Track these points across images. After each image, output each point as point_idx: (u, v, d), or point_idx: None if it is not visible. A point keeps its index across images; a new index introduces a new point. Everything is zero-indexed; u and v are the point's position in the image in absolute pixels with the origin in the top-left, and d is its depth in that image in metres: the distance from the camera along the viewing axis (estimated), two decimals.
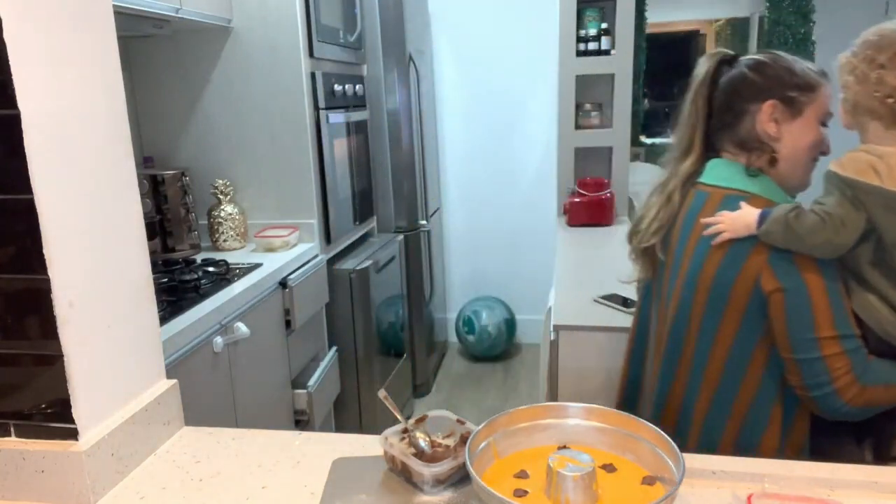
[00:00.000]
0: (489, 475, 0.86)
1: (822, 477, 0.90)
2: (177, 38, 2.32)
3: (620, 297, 1.92)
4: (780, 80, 1.24)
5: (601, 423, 0.93)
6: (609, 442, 0.91)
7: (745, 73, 1.26)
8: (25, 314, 0.87)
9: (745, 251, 1.15)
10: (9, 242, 0.85)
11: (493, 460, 0.89)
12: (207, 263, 2.09)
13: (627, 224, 3.05)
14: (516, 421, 0.93)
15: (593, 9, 3.11)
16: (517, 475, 0.86)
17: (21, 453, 0.90)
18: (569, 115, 3.15)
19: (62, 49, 0.88)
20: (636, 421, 0.90)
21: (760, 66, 1.26)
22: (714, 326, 1.19)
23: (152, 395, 1.04)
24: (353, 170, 2.72)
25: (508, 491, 0.82)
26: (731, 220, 1.17)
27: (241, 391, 1.89)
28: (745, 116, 1.24)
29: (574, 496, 0.80)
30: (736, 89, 1.26)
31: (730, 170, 1.26)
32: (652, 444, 0.87)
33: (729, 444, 1.20)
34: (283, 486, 0.93)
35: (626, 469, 0.88)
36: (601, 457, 0.89)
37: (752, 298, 1.15)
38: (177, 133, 2.43)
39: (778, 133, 1.22)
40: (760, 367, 1.18)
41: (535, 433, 0.93)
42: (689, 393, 1.26)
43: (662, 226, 1.31)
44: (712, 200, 1.24)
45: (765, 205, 1.17)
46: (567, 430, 0.93)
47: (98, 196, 0.94)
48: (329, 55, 2.50)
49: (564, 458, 0.82)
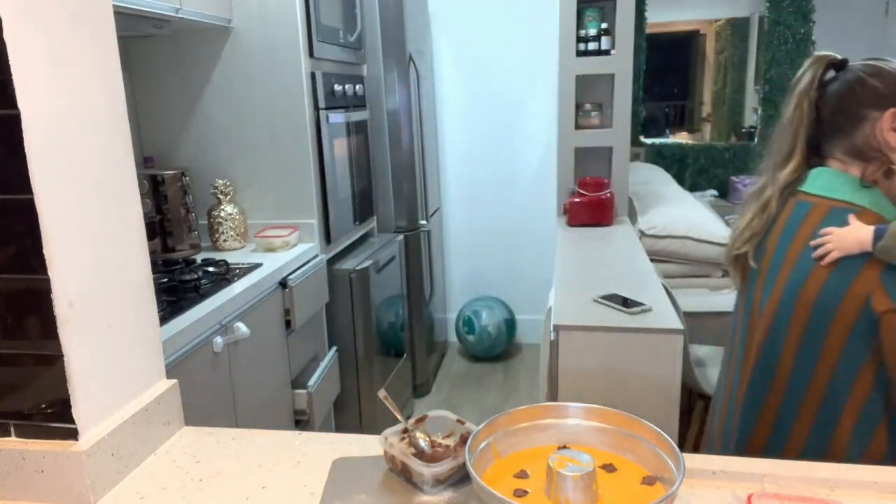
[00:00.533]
0: (489, 475, 0.86)
1: (822, 477, 0.90)
2: (177, 38, 2.32)
3: (620, 297, 1.92)
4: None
5: (601, 423, 0.92)
6: (609, 442, 0.91)
7: (863, 77, 1.20)
8: (25, 314, 0.87)
9: (854, 268, 1.11)
10: (9, 242, 0.85)
11: (493, 460, 0.89)
12: (207, 263, 2.09)
13: (627, 224, 3.07)
14: (516, 421, 0.92)
15: (593, 9, 3.11)
16: (517, 475, 0.86)
17: (21, 453, 0.90)
18: (569, 115, 3.15)
19: (62, 49, 0.88)
20: (636, 421, 0.90)
21: (881, 73, 1.19)
22: (817, 344, 1.15)
23: (152, 395, 1.04)
24: (353, 170, 2.72)
25: (508, 491, 0.82)
26: (839, 238, 1.13)
27: (241, 391, 1.89)
28: (863, 123, 1.18)
29: (574, 496, 0.79)
30: (854, 94, 1.20)
31: (837, 180, 1.20)
32: (652, 444, 0.87)
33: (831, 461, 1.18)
34: (283, 486, 0.93)
35: (627, 469, 0.88)
36: (601, 457, 0.89)
37: (861, 318, 1.10)
38: (177, 133, 2.43)
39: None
40: (867, 387, 1.13)
41: (534, 433, 0.93)
42: (786, 408, 1.21)
43: (756, 234, 1.28)
44: (817, 212, 1.19)
45: (875, 220, 1.12)
46: (567, 430, 0.93)
47: (98, 196, 0.94)
48: (329, 55, 2.50)
49: (564, 458, 0.82)
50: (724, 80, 6.40)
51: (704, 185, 5.98)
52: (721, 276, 2.85)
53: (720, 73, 6.42)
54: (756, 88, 5.94)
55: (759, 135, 5.82)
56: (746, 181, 5.67)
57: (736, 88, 6.31)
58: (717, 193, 5.89)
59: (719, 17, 6.27)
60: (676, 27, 6.28)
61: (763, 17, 5.63)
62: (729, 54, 6.31)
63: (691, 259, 2.81)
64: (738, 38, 6.21)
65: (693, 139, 6.42)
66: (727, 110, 6.39)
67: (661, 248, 2.81)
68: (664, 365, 1.75)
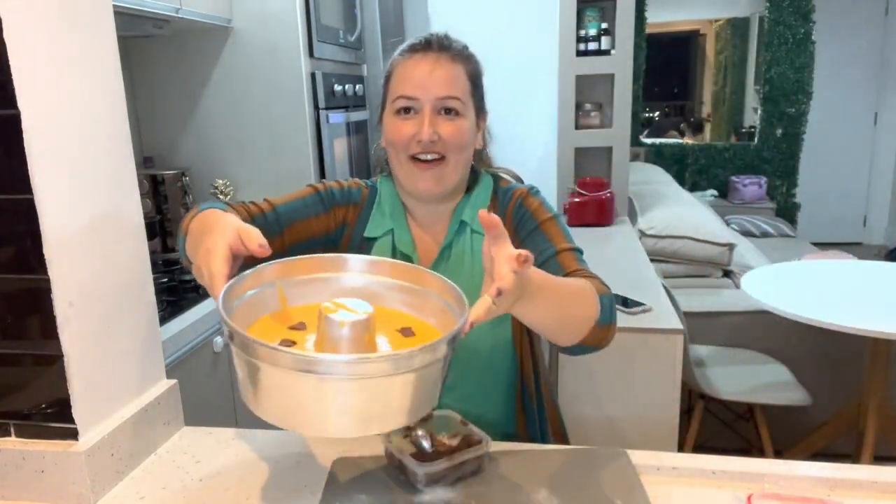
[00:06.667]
0: (265, 322, 0.79)
1: (822, 477, 0.90)
2: (177, 38, 2.32)
3: (620, 298, 1.92)
4: None
5: (397, 280, 0.85)
6: (409, 302, 0.84)
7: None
8: (25, 314, 0.87)
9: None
10: (9, 242, 0.85)
11: (277, 306, 0.80)
12: None
13: (627, 224, 3.07)
14: (298, 272, 0.83)
15: (593, 9, 3.11)
16: (294, 327, 0.78)
17: (21, 453, 0.90)
18: (569, 115, 3.15)
19: (62, 49, 0.88)
20: (433, 277, 0.83)
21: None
22: None
23: (152, 395, 1.04)
24: (353, 170, 2.72)
25: (274, 341, 0.73)
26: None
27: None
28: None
29: (342, 344, 0.72)
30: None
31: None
32: (447, 303, 0.80)
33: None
34: (283, 486, 0.93)
35: (424, 333, 0.80)
36: (399, 319, 0.82)
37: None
38: (177, 133, 2.43)
39: None
40: None
41: (331, 286, 0.84)
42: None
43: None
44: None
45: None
46: (362, 286, 0.85)
47: (98, 196, 0.94)
48: (329, 55, 2.50)
49: (339, 305, 0.74)
50: (724, 80, 6.41)
51: (704, 185, 5.99)
52: (721, 276, 2.85)
53: (720, 73, 6.42)
54: (756, 88, 5.95)
55: (759, 135, 5.82)
56: (746, 181, 5.68)
57: (736, 88, 6.31)
58: (717, 193, 5.89)
59: (719, 17, 6.28)
60: (676, 27, 6.28)
61: (763, 17, 5.63)
62: (729, 54, 6.31)
63: (691, 259, 2.81)
64: (738, 38, 6.21)
65: (693, 139, 6.42)
66: (727, 110, 6.39)
67: (661, 248, 2.81)
68: (664, 365, 1.75)
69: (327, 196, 1.15)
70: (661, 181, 4.13)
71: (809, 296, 2.17)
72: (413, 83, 1.05)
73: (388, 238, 1.14)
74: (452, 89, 1.06)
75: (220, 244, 0.77)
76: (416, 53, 1.07)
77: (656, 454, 0.96)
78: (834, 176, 5.87)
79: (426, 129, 1.04)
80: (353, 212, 1.16)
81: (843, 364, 2.48)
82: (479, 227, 1.12)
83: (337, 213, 1.15)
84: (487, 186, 1.17)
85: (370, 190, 1.19)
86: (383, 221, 1.15)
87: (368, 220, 1.15)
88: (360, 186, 1.19)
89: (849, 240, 5.90)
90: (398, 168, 1.10)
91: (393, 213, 1.16)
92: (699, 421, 2.31)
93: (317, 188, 1.16)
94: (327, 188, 1.16)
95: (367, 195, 1.18)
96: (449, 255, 1.13)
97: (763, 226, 4.95)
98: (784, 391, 2.24)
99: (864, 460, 2.10)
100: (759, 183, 5.67)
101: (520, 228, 1.11)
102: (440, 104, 1.05)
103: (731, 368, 2.38)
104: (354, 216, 1.16)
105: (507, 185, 1.18)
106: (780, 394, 2.23)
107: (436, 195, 1.11)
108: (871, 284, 2.29)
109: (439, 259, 1.13)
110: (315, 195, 1.15)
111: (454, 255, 1.13)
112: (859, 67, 5.64)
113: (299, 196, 1.15)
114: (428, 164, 1.06)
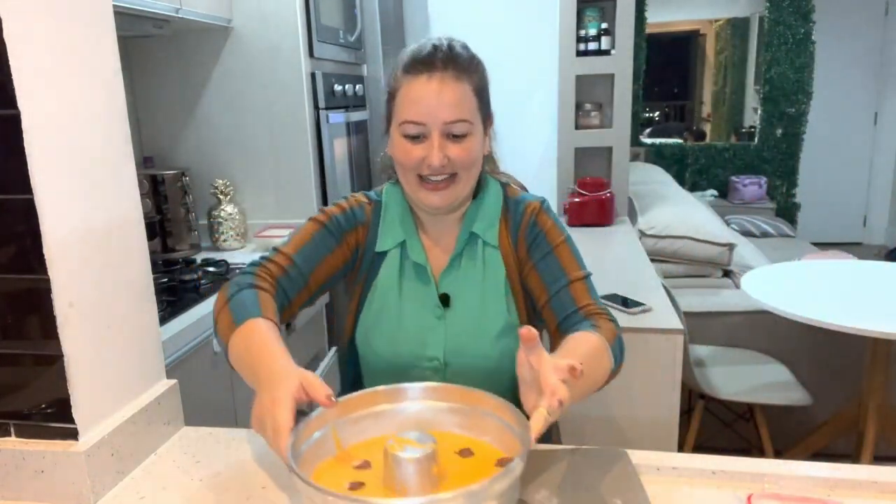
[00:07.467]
0: (325, 467, 0.79)
1: (822, 477, 0.90)
2: (177, 38, 2.32)
3: (620, 297, 1.92)
4: None
5: (449, 403, 0.86)
6: (462, 423, 0.85)
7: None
8: (25, 314, 0.87)
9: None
10: (9, 242, 0.85)
11: (334, 452, 0.81)
12: (207, 263, 2.09)
13: (627, 224, 3.07)
14: (356, 408, 0.85)
15: (593, 9, 3.11)
16: (359, 466, 0.79)
17: (21, 453, 0.90)
18: (569, 115, 3.15)
19: (62, 49, 0.88)
20: (486, 396, 0.84)
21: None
22: None
23: (152, 395, 1.04)
24: (353, 170, 2.72)
25: (342, 484, 0.75)
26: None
27: (241, 391, 1.89)
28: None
29: (412, 481, 0.72)
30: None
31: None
32: (505, 422, 0.81)
33: None
34: (283, 486, 0.93)
35: (483, 452, 0.81)
36: (457, 441, 0.83)
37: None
38: (177, 133, 2.43)
39: None
40: None
41: (382, 420, 0.86)
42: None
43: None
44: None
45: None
46: (416, 413, 0.86)
47: (98, 196, 0.94)
48: (329, 55, 2.50)
49: (403, 441, 0.75)
50: (724, 80, 6.40)
51: (704, 185, 5.99)
52: (721, 276, 2.85)
53: (720, 73, 6.42)
54: (756, 88, 5.95)
55: (759, 135, 5.82)
56: (746, 181, 5.68)
57: (736, 88, 6.31)
58: (717, 193, 5.89)
59: (719, 17, 6.27)
60: (676, 27, 6.28)
61: (763, 17, 5.63)
62: (729, 54, 6.31)
63: (691, 259, 2.81)
64: (738, 38, 6.21)
65: None
66: (727, 110, 6.39)
67: (661, 248, 2.81)
68: (664, 365, 1.75)
69: (334, 226, 1.13)
70: (661, 181, 4.13)
71: (809, 296, 2.17)
72: (419, 109, 1.03)
73: (398, 249, 1.14)
74: (460, 112, 1.04)
75: (286, 398, 0.76)
76: (420, 75, 1.03)
77: (656, 454, 0.96)
78: (834, 176, 5.87)
79: (436, 154, 1.03)
80: (362, 232, 1.16)
81: (843, 364, 2.48)
82: (492, 239, 1.13)
83: (349, 239, 1.14)
84: (496, 195, 1.17)
85: (374, 204, 1.17)
86: (394, 233, 1.15)
87: (378, 235, 1.15)
88: (361, 204, 1.17)
89: (849, 240, 5.90)
90: (407, 185, 1.10)
91: (403, 222, 1.15)
92: (699, 421, 2.31)
93: (320, 221, 1.14)
94: (330, 217, 1.14)
95: (372, 210, 1.17)
96: (459, 265, 1.13)
97: (763, 226, 4.95)
98: (784, 391, 2.24)
99: (864, 460, 2.10)
100: (759, 183, 5.67)
101: (533, 249, 1.12)
102: (448, 128, 1.03)
103: (731, 368, 2.38)
104: (364, 235, 1.16)
105: (516, 196, 1.17)
106: (780, 394, 2.23)
107: (446, 210, 1.11)
108: (871, 284, 2.29)
109: (449, 268, 1.13)
110: (322, 230, 1.13)
111: (464, 265, 1.13)
112: (859, 67, 5.64)
113: (308, 237, 1.12)
114: (437, 185, 1.06)
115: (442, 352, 1.10)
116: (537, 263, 1.11)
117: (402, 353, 1.11)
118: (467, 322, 1.11)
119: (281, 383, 0.79)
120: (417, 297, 1.13)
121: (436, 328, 1.11)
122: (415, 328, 1.11)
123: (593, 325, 1.03)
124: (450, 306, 1.12)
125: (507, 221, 1.14)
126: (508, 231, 1.14)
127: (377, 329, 1.13)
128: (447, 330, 1.11)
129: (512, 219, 1.15)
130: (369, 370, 1.17)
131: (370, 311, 1.14)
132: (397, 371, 1.11)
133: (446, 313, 1.12)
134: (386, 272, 1.14)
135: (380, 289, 1.14)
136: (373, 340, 1.13)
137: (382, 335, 1.13)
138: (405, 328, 1.12)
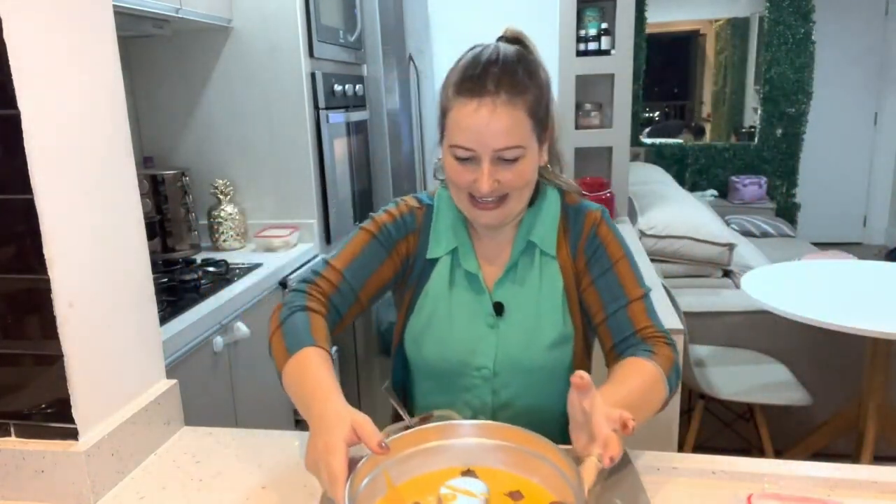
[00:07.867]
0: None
1: (822, 477, 0.90)
2: (177, 38, 2.32)
3: None
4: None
5: (501, 441, 0.86)
6: (513, 462, 0.85)
7: None
8: (25, 314, 0.87)
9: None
10: (9, 242, 0.85)
11: (384, 490, 0.81)
12: (207, 263, 2.09)
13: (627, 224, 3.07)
14: (408, 445, 0.85)
15: (593, 9, 3.11)
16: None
17: (21, 453, 0.90)
18: (569, 116, 3.15)
19: (62, 49, 0.88)
20: (536, 438, 0.83)
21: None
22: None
23: (152, 395, 1.04)
24: (353, 170, 2.72)
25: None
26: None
27: (241, 391, 1.89)
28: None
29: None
30: None
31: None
32: (556, 465, 0.80)
33: None
34: (282, 486, 0.93)
35: (533, 495, 0.80)
36: (506, 481, 0.83)
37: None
38: (177, 133, 2.43)
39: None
40: None
41: (432, 456, 0.85)
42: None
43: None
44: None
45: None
46: (467, 450, 0.86)
47: (98, 196, 0.94)
48: (329, 55, 2.50)
49: (457, 490, 0.76)
50: (724, 80, 6.40)
51: (704, 185, 5.99)
52: (721, 276, 2.86)
53: (720, 73, 6.42)
54: (756, 88, 5.94)
55: (759, 135, 5.82)
56: (746, 181, 5.68)
57: (736, 88, 6.31)
58: (716, 193, 5.89)
59: (719, 17, 6.27)
60: (676, 27, 6.28)
61: (763, 17, 5.63)
62: (729, 54, 6.31)
63: (691, 259, 2.81)
64: (738, 38, 6.21)
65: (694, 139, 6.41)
66: (727, 110, 6.39)
67: (661, 248, 2.81)
68: None
69: (384, 237, 1.11)
70: (661, 181, 4.13)
71: (809, 296, 2.17)
72: (469, 135, 0.98)
73: (449, 256, 1.12)
74: (512, 139, 0.98)
75: (340, 444, 0.76)
76: (471, 101, 0.98)
77: (656, 454, 0.96)
78: (834, 176, 5.87)
79: (486, 181, 0.99)
80: (413, 240, 1.13)
81: (843, 364, 2.48)
82: (550, 249, 1.10)
83: (399, 249, 1.12)
84: (554, 202, 1.12)
85: (426, 209, 1.14)
86: (445, 239, 1.12)
87: (429, 241, 1.12)
88: (412, 209, 1.14)
89: (849, 240, 5.90)
90: (459, 202, 1.07)
91: (455, 227, 1.12)
92: (699, 421, 2.31)
93: (371, 231, 1.11)
94: (381, 227, 1.11)
95: (423, 215, 1.14)
96: (515, 275, 1.11)
97: (763, 226, 4.95)
98: (784, 391, 2.24)
99: (864, 460, 2.10)
100: (759, 183, 5.67)
101: (592, 263, 1.09)
102: (499, 154, 0.98)
103: (731, 368, 2.38)
104: (415, 243, 1.13)
105: (575, 203, 1.13)
106: (780, 394, 2.23)
107: (498, 227, 1.09)
108: (871, 284, 2.29)
109: (504, 279, 1.11)
110: (373, 241, 1.11)
111: (520, 274, 1.10)
112: (859, 67, 5.64)
113: (358, 249, 1.10)
114: (488, 205, 1.03)
115: (492, 361, 1.08)
116: (596, 280, 1.08)
117: (451, 360, 1.10)
118: (521, 332, 1.08)
119: (334, 428, 0.78)
120: (469, 304, 1.10)
121: (487, 337, 1.09)
122: (465, 336, 1.09)
123: (650, 350, 1.00)
124: (503, 316, 1.09)
125: (565, 231, 1.11)
126: (567, 241, 1.10)
127: (427, 336, 1.11)
128: (499, 339, 1.09)
129: (572, 228, 1.11)
130: (418, 376, 1.16)
131: (420, 317, 1.12)
132: (445, 378, 1.10)
133: (499, 322, 1.09)
134: (437, 279, 1.12)
135: (430, 296, 1.12)
136: (422, 347, 1.12)
137: (432, 342, 1.11)
138: (455, 336, 1.10)
